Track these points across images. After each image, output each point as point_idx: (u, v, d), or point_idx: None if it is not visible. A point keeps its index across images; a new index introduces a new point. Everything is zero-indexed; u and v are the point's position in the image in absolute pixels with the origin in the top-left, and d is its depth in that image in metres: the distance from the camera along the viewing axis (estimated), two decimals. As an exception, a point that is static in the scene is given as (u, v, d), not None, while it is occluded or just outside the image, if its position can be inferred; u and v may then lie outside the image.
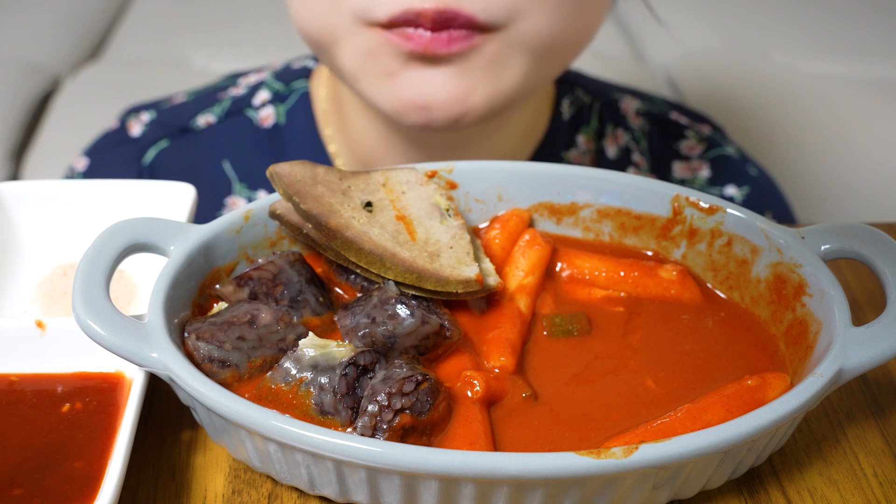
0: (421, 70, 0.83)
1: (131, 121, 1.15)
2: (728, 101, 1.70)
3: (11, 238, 0.78)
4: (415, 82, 0.83)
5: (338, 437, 0.55)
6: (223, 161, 1.11)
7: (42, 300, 0.76)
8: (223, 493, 0.62)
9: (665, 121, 1.17)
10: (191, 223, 0.71)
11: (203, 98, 1.17)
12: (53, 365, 0.66)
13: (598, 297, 0.72)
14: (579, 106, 1.13)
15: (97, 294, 0.61)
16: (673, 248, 0.75)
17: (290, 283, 0.67)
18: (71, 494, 0.57)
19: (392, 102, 0.85)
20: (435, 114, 0.84)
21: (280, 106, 1.12)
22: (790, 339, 0.68)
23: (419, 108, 0.84)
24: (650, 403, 0.64)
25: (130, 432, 0.58)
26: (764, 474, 0.64)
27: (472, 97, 0.84)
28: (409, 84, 0.84)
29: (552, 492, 0.56)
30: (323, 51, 0.89)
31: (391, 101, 0.85)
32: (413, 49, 0.81)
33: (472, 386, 0.63)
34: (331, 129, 1.08)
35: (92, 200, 0.79)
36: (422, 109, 0.84)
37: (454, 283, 0.66)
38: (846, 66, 1.82)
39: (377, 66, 0.84)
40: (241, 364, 0.63)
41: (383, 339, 0.64)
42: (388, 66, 0.84)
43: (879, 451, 0.67)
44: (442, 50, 0.81)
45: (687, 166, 1.15)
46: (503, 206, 0.77)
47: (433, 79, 0.83)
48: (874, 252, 0.68)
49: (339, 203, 0.69)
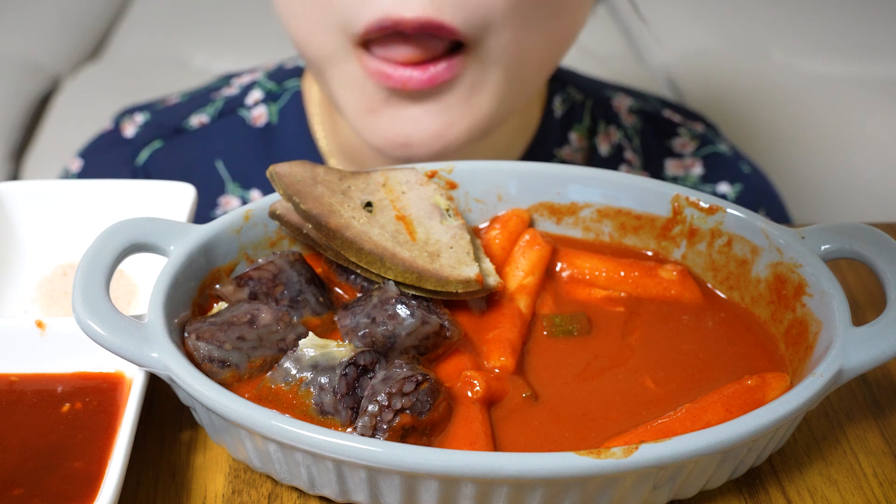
0: (401, 108, 0.84)
1: (125, 122, 1.16)
2: (728, 100, 1.70)
3: (11, 238, 0.78)
4: (395, 119, 0.84)
5: (338, 437, 0.55)
6: (216, 161, 1.12)
7: (42, 300, 0.76)
8: (223, 493, 0.62)
9: (658, 118, 1.17)
10: (191, 223, 0.71)
11: (196, 98, 1.17)
12: (53, 365, 0.66)
13: (599, 297, 0.72)
14: (571, 104, 1.13)
15: (97, 294, 0.61)
16: (673, 248, 0.75)
17: (290, 283, 0.67)
18: (71, 494, 0.57)
19: (374, 138, 0.87)
20: (416, 150, 0.86)
21: (272, 105, 1.12)
22: (790, 339, 0.68)
23: (400, 145, 0.85)
24: (650, 403, 0.64)
25: (130, 432, 0.58)
26: (764, 474, 0.65)
27: (452, 131, 0.85)
28: (389, 121, 0.85)
29: (552, 492, 0.56)
30: (317, 72, 0.91)
31: (373, 136, 0.87)
32: (393, 87, 0.81)
33: (472, 386, 0.63)
34: (322, 128, 1.09)
35: (92, 200, 0.79)
36: (403, 146, 0.85)
37: (454, 283, 0.66)
38: (846, 66, 1.82)
39: (360, 100, 0.85)
40: (241, 364, 0.63)
41: (383, 339, 0.64)
42: (369, 103, 0.85)
43: (879, 451, 0.67)
44: (424, 87, 0.81)
45: (679, 164, 1.15)
46: (503, 206, 0.77)
47: (414, 115, 0.84)
48: (874, 252, 0.68)
49: (339, 203, 0.69)
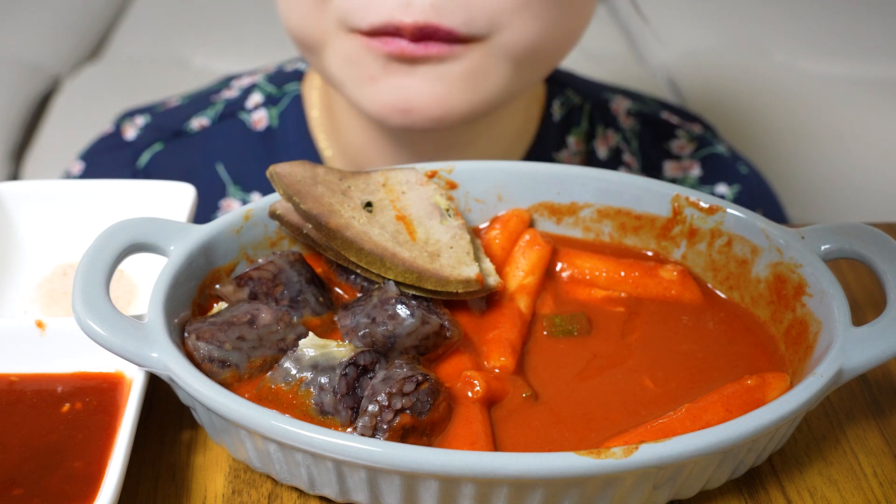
0: (400, 76, 0.85)
1: (126, 125, 1.16)
2: (728, 101, 1.70)
3: (11, 238, 0.78)
4: (395, 86, 0.86)
5: (338, 437, 0.55)
6: (217, 164, 1.12)
7: (42, 300, 0.76)
8: (223, 493, 0.62)
9: (656, 120, 1.18)
10: (191, 223, 0.71)
11: (196, 101, 1.18)
12: (53, 365, 0.66)
13: (599, 298, 0.72)
14: (570, 107, 1.13)
15: (97, 294, 0.61)
16: (673, 248, 0.75)
17: (290, 283, 0.67)
18: (71, 494, 0.57)
19: (375, 106, 0.88)
20: (416, 115, 0.86)
21: (273, 109, 1.12)
22: (790, 339, 0.68)
23: (400, 110, 0.86)
24: (650, 403, 0.64)
25: (130, 432, 0.58)
26: (764, 474, 0.65)
27: (450, 100, 0.86)
28: (389, 88, 0.86)
29: (552, 492, 0.56)
30: (311, 53, 0.92)
31: (374, 104, 0.88)
32: (391, 52, 0.83)
33: (472, 386, 0.63)
34: (323, 132, 1.09)
35: (92, 200, 0.79)
36: (403, 112, 0.86)
37: (454, 283, 0.66)
38: (846, 66, 1.82)
39: (359, 71, 0.86)
40: (241, 364, 0.63)
41: (383, 339, 0.64)
42: (369, 71, 0.86)
43: (879, 451, 0.67)
44: (420, 52, 0.83)
45: (678, 165, 1.15)
46: (503, 206, 0.77)
47: (412, 83, 0.85)
48: (874, 252, 0.68)
49: (339, 203, 0.69)
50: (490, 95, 0.87)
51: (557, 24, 0.86)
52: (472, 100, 0.87)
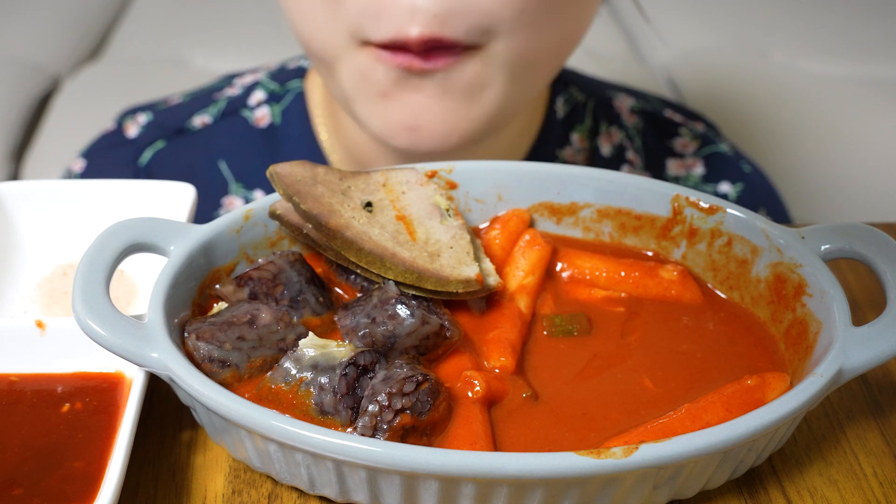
0: (410, 91, 0.86)
1: (128, 122, 1.16)
2: (728, 100, 1.70)
3: (11, 238, 0.78)
4: (404, 103, 0.86)
5: (338, 437, 0.55)
6: (219, 161, 1.12)
7: (42, 300, 0.76)
8: (223, 493, 0.62)
9: (659, 118, 1.18)
10: (191, 223, 0.71)
11: (199, 99, 1.17)
12: (53, 365, 0.66)
13: (599, 298, 0.72)
14: (573, 104, 1.13)
15: (97, 294, 0.61)
16: (673, 248, 0.75)
17: (290, 283, 0.67)
18: (71, 494, 0.57)
19: (384, 124, 0.88)
20: (423, 134, 0.87)
21: (275, 106, 1.12)
22: (790, 339, 0.68)
23: (408, 128, 0.87)
24: (650, 403, 0.64)
25: (130, 432, 0.58)
26: (764, 474, 0.64)
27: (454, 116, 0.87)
28: (399, 105, 0.86)
29: (552, 492, 0.56)
30: (324, 67, 0.92)
31: (383, 123, 0.88)
32: (401, 64, 0.83)
33: (472, 386, 0.63)
34: (325, 129, 1.09)
35: (92, 200, 0.79)
36: (411, 130, 0.87)
37: (454, 283, 0.66)
38: (846, 66, 1.82)
39: (371, 86, 0.87)
40: (241, 364, 0.63)
41: (383, 339, 0.64)
42: (381, 86, 0.86)
43: (879, 451, 0.67)
44: (428, 67, 0.83)
45: (681, 164, 1.16)
46: (503, 206, 0.77)
47: (420, 100, 0.86)
48: (874, 252, 0.68)
49: (339, 203, 0.69)
50: (488, 106, 0.87)
51: (554, 32, 0.87)
52: (473, 114, 0.87)
